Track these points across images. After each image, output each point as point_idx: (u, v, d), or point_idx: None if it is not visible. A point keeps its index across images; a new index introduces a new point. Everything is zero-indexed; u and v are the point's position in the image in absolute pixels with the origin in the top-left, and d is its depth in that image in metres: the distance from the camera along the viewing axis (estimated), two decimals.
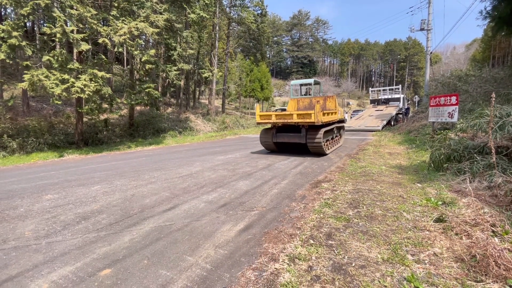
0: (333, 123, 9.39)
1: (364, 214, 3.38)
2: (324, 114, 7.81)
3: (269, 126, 8.99)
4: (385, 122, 18.39)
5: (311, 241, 2.74)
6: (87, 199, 4.45)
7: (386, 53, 75.11)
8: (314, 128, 7.79)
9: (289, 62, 70.88)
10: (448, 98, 7.79)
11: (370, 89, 28.88)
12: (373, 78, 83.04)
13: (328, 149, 8.63)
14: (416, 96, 37.62)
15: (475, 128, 5.52)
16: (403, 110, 22.47)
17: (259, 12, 31.88)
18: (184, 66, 17.20)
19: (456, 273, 2.15)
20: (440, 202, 3.58)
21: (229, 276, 2.21)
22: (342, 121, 10.85)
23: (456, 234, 2.73)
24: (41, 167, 7.86)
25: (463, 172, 4.67)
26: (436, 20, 79.59)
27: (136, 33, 11.02)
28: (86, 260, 2.52)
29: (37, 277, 2.28)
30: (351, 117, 28.07)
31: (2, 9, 19.32)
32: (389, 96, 24.42)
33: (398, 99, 23.26)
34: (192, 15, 17.36)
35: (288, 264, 2.35)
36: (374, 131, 17.58)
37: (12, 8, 9.97)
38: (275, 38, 68.07)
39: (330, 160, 7.63)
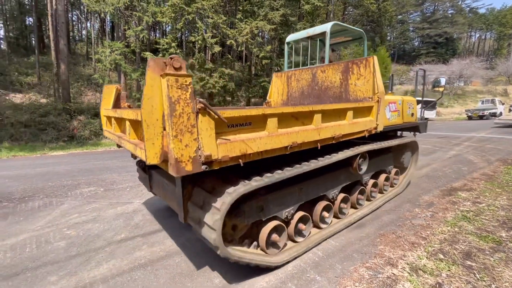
0: (356, 142, 3.03)
1: None
2: (288, 116, 2.02)
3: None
4: None
5: (441, 256, 2.37)
6: None
7: None
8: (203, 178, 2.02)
9: (416, 43, 59.07)
10: None
11: None
12: None
13: (303, 235, 2.55)
14: None
15: None
16: None
17: None
18: (296, 59, 17.56)
19: None
20: None
21: (341, 268, 2.24)
22: (416, 127, 4.28)
23: None
24: None
25: None
26: None
27: (256, 31, 12.16)
28: None
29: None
30: (510, 110, 20.88)
31: (164, 26, 25.49)
32: None
33: None
34: (306, 6, 17.29)
35: (409, 273, 2.14)
36: None
37: (170, 25, 13.08)
38: (399, 17, 58.02)
39: (471, 163, 6.06)
